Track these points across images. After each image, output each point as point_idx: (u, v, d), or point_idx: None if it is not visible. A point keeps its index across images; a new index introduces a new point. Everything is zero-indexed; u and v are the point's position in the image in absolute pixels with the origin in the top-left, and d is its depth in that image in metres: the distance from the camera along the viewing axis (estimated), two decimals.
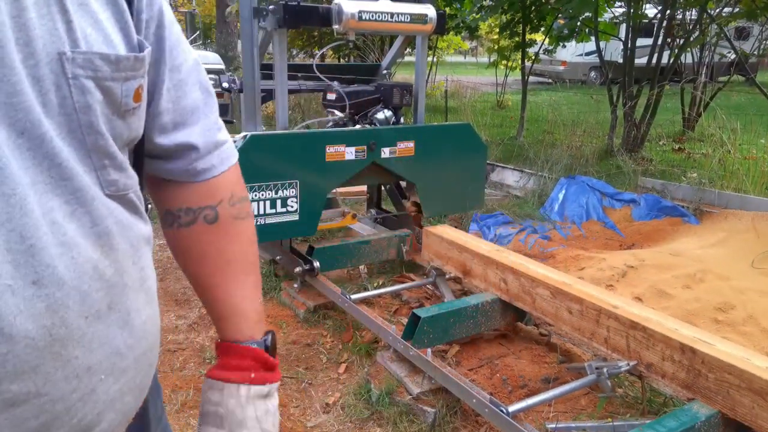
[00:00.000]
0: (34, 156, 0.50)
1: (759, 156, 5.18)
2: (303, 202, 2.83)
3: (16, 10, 0.48)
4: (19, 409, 0.51)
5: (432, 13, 3.01)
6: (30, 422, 0.52)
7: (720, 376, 1.73)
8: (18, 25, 0.48)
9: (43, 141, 0.50)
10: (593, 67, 15.76)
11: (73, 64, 0.52)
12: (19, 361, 0.49)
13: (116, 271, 0.58)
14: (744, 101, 9.21)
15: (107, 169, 0.57)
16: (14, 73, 0.48)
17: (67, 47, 0.52)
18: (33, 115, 0.49)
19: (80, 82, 0.53)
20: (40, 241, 0.50)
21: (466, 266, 2.77)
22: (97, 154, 0.56)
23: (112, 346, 0.58)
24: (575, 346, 2.55)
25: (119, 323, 0.59)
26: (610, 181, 5.02)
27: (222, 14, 10.45)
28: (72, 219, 0.53)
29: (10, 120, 0.48)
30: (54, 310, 0.51)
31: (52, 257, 0.51)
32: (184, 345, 2.70)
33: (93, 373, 0.56)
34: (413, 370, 2.32)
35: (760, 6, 5.89)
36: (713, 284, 3.13)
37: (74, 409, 0.55)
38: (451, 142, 3.28)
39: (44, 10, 0.50)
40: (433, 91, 11.40)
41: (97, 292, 0.55)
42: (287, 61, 2.93)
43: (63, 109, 0.52)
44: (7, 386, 0.49)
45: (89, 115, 0.54)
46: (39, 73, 0.50)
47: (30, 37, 0.49)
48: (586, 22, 7.02)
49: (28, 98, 0.49)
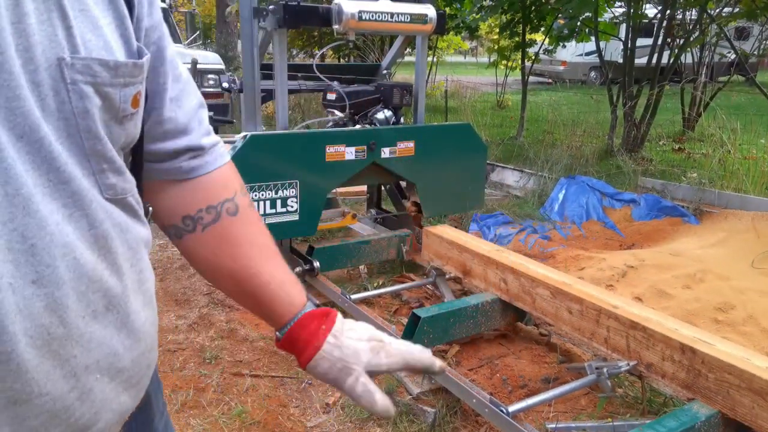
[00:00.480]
0: (33, 159, 0.51)
1: (759, 156, 5.18)
2: (303, 202, 2.83)
3: (16, 17, 0.49)
4: (20, 408, 0.51)
5: (432, 13, 3.01)
6: (30, 421, 0.52)
7: (720, 376, 1.73)
8: (18, 31, 0.49)
9: (41, 145, 0.51)
10: (593, 67, 15.77)
11: (72, 70, 0.53)
12: (20, 360, 0.50)
13: (114, 272, 0.59)
14: (744, 101, 9.21)
15: (105, 173, 0.58)
16: (13, 78, 0.49)
17: (67, 53, 0.52)
18: (31, 119, 0.50)
19: (79, 88, 0.53)
20: (41, 241, 0.50)
21: (466, 266, 2.77)
22: (95, 158, 0.56)
23: (110, 346, 0.59)
24: (575, 346, 2.55)
25: (117, 324, 0.59)
26: (610, 181, 5.02)
27: (222, 14, 10.46)
28: (70, 221, 0.54)
29: (10, 124, 0.49)
30: (53, 310, 0.52)
31: (52, 257, 0.51)
32: (184, 345, 2.70)
33: (90, 372, 0.57)
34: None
35: (760, 6, 5.89)
36: (713, 284, 3.13)
37: (72, 408, 0.56)
38: (451, 142, 3.28)
39: (44, 16, 0.51)
40: (433, 91, 11.40)
41: (95, 293, 0.56)
42: (287, 61, 2.93)
43: (62, 113, 0.53)
44: (10, 384, 0.50)
45: (87, 119, 0.55)
46: (38, 78, 0.51)
47: (30, 43, 0.50)
48: (586, 22, 7.02)
49: (27, 103, 0.50)
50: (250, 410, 2.24)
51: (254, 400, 2.31)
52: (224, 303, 3.10)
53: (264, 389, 2.39)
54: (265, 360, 2.59)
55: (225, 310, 3.04)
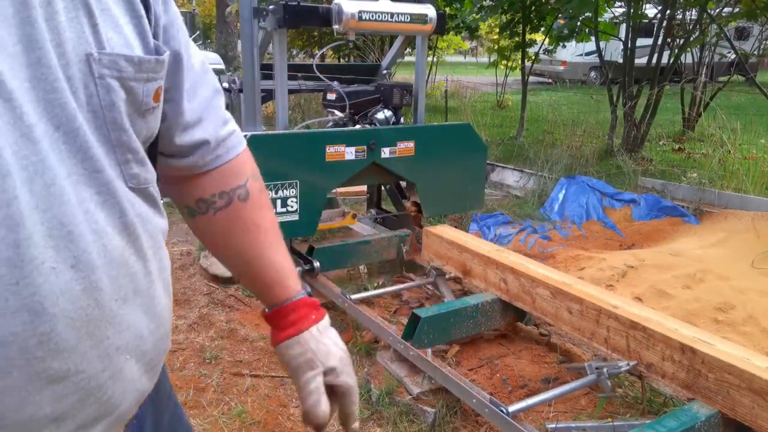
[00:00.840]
0: (69, 149, 0.54)
1: (759, 156, 5.18)
2: (303, 202, 2.83)
3: (48, 14, 0.52)
4: (59, 386, 0.54)
5: (432, 13, 3.01)
6: (68, 398, 0.55)
7: (720, 376, 1.73)
8: (51, 27, 0.52)
9: (77, 135, 0.54)
10: (593, 67, 15.76)
11: (99, 65, 0.56)
12: (60, 340, 0.53)
13: (140, 259, 0.62)
14: (744, 101, 9.21)
15: (130, 164, 0.61)
16: (51, 71, 0.52)
17: (94, 49, 0.56)
18: (68, 111, 0.53)
19: (106, 82, 0.57)
20: (77, 228, 0.54)
21: (466, 266, 2.77)
22: (120, 148, 0.60)
23: (137, 328, 0.62)
24: (575, 346, 2.55)
25: (143, 308, 0.63)
26: (610, 181, 5.02)
27: (222, 14, 10.45)
28: (102, 209, 0.57)
29: (49, 115, 0.52)
30: (89, 293, 0.55)
31: (87, 243, 0.55)
32: (184, 345, 2.70)
33: (121, 353, 0.60)
34: (413, 370, 2.32)
35: (760, 6, 5.89)
36: (713, 284, 3.13)
37: (105, 387, 0.59)
38: (451, 142, 3.28)
39: (72, 14, 0.54)
40: (433, 91, 11.39)
41: (124, 278, 0.59)
42: (287, 61, 2.93)
43: (90, 106, 0.56)
44: (50, 363, 0.53)
45: (114, 112, 0.58)
46: (70, 72, 0.54)
47: (61, 39, 0.53)
48: (586, 22, 7.02)
49: (64, 95, 0.53)
50: (250, 410, 2.24)
51: (254, 400, 2.31)
52: (224, 303, 3.10)
53: (264, 389, 2.39)
54: (265, 360, 2.59)
55: (225, 310, 3.04)
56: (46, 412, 0.54)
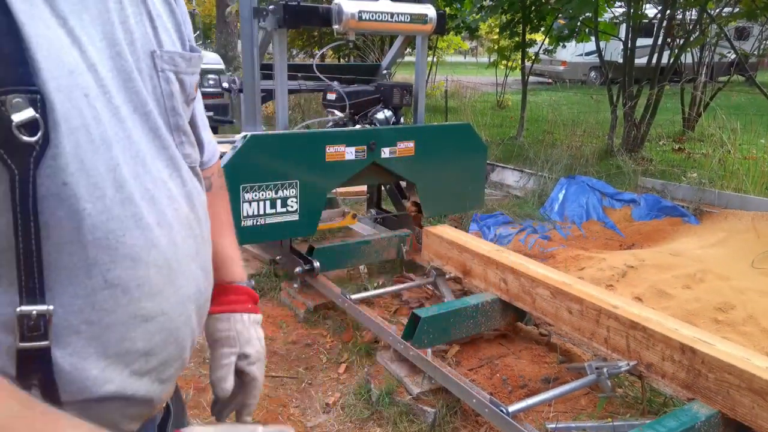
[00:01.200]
0: (143, 127, 0.64)
1: (759, 156, 5.19)
2: (303, 202, 2.83)
3: (122, 17, 0.63)
4: (149, 325, 0.64)
5: (432, 13, 3.01)
6: (155, 337, 0.65)
7: (720, 376, 1.73)
8: (125, 28, 0.63)
9: (149, 116, 0.65)
10: (593, 67, 15.75)
11: (160, 60, 0.67)
12: (152, 284, 0.63)
13: (198, 224, 0.72)
14: (744, 101, 9.20)
15: (184, 145, 0.72)
16: (128, 64, 0.63)
17: (156, 47, 0.67)
18: (142, 96, 0.64)
19: (166, 74, 0.68)
20: (157, 192, 0.65)
21: (466, 266, 2.77)
22: (177, 131, 0.71)
23: (199, 283, 0.72)
24: (575, 346, 2.55)
25: (201, 267, 0.73)
26: (610, 181, 5.02)
27: (222, 14, 10.46)
28: (172, 179, 0.68)
29: (129, 99, 0.63)
30: (171, 247, 0.66)
31: (164, 206, 0.65)
32: None
33: (190, 301, 0.70)
34: (413, 370, 2.32)
35: (760, 6, 5.89)
36: (713, 284, 3.13)
37: (180, 330, 0.69)
38: (451, 142, 3.28)
39: (138, 18, 0.66)
40: (433, 91, 11.40)
41: (189, 238, 0.70)
42: (287, 61, 2.93)
43: (155, 95, 0.67)
44: (144, 304, 0.63)
45: (172, 100, 0.69)
46: (140, 65, 0.65)
47: (133, 38, 0.64)
48: (586, 22, 7.02)
49: (138, 84, 0.64)
50: None
51: None
52: None
53: (264, 389, 2.39)
54: (265, 360, 2.59)
55: None
56: (139, 347, 0.63)
